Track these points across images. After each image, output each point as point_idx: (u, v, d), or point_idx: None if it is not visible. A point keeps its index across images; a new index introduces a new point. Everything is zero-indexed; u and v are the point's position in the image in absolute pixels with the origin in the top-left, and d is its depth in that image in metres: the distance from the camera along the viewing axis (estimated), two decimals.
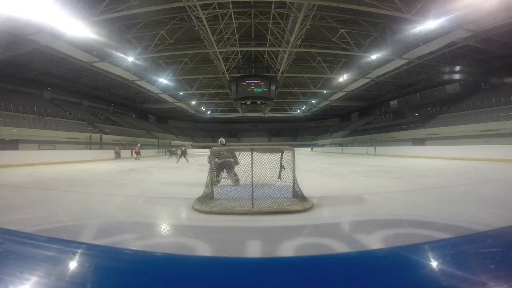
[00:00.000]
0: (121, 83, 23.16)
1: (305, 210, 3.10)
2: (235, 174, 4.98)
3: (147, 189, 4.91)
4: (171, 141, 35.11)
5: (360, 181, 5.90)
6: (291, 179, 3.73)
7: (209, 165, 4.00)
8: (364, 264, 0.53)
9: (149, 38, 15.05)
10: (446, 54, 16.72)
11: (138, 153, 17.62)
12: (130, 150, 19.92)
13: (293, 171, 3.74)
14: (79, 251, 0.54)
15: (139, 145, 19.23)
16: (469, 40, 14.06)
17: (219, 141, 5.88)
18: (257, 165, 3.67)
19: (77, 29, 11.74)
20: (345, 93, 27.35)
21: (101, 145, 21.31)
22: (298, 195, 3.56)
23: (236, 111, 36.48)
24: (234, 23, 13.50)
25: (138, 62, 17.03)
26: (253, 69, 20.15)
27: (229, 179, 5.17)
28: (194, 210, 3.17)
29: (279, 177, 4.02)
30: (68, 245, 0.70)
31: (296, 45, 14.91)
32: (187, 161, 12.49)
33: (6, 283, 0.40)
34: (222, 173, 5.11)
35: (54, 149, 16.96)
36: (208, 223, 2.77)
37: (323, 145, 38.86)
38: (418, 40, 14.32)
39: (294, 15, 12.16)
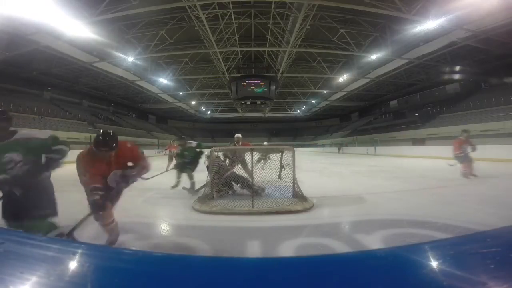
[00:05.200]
0: (121, 83, 23.14)
1: (305, 210, 3.10)
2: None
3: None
4: (171, 141, 34.62)
5: (360, 181, 5.90)
6: (291, 179, 3.73)
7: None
8: (364, 264, 0.53)
9: (149, 38, 15.04)
10: (446, 54, 16.71)
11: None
12: None
13: (293, 171, 3.74)
14: (79, 251, 0.54)
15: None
16: (469, 40, 14.05)
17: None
18: (258, 165, 3.66)
19: (77, 29, 11.73)
20: (345, 93, 27.32)
21: None
22: (298, 195, 3.56)
23: (236, 111, 36.42)
24: (234, 23, 13.50)
25: (138, 62, 17.01)
26: (253, 69, 20.09)
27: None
28: (194, 210, 3.17)
29: (279, 177, 4.02)
30: (68, 245, 0.70)
31: (296, 45, 14.90)
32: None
33: (6, 283, 0.40)
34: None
35: None
36: (208, 223, 2.77)
37: (323, 145, 38.78)
38: (418, 40, 14.30)
39: (294, 15, 12.16)
